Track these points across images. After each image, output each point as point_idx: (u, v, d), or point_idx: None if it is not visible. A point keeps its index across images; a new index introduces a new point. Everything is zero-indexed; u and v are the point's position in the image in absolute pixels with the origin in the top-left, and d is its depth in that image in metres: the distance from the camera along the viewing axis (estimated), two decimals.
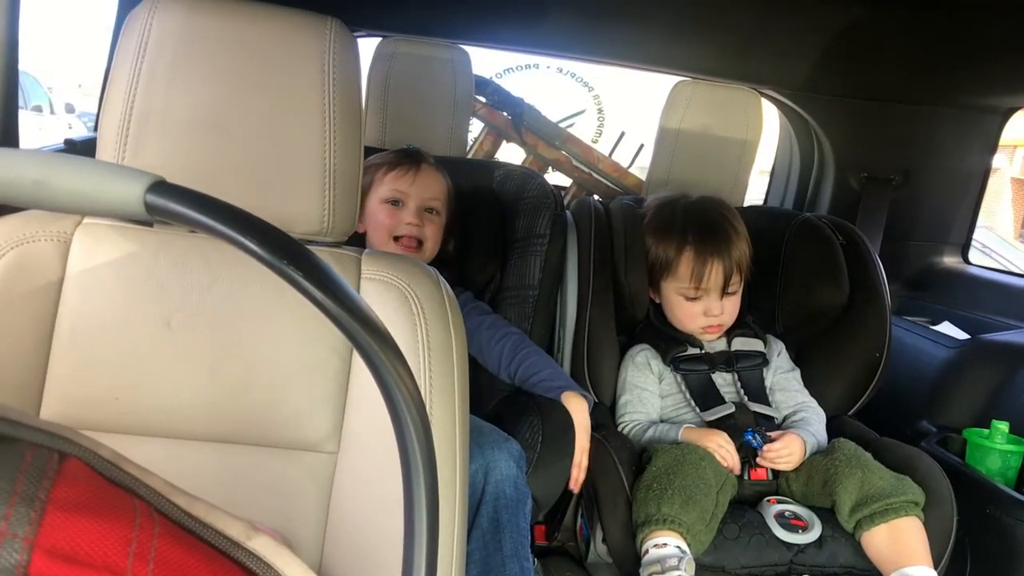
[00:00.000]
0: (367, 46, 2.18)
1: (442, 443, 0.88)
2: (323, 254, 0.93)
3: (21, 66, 1.28)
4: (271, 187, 0.90)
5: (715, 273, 1.70)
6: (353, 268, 0.93)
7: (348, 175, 0.92)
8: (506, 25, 2.26)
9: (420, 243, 1.64)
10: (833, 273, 1.84)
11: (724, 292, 1.72)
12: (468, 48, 2.20)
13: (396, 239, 1.63)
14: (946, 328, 2.22)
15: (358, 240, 1.66)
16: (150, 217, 0.48)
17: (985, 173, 2.47)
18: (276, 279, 0.48)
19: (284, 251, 0.47)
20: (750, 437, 1.57)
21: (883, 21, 2.00)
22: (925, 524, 1.41)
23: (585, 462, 1.49)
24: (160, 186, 0.48)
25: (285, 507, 0.90)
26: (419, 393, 0.51)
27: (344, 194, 0.92)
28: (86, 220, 0.91)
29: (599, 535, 1.51)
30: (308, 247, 0.92)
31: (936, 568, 1.40)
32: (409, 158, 1.69)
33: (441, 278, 0.96)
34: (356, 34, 2.29)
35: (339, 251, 0.96)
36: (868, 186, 2.44)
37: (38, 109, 8.27)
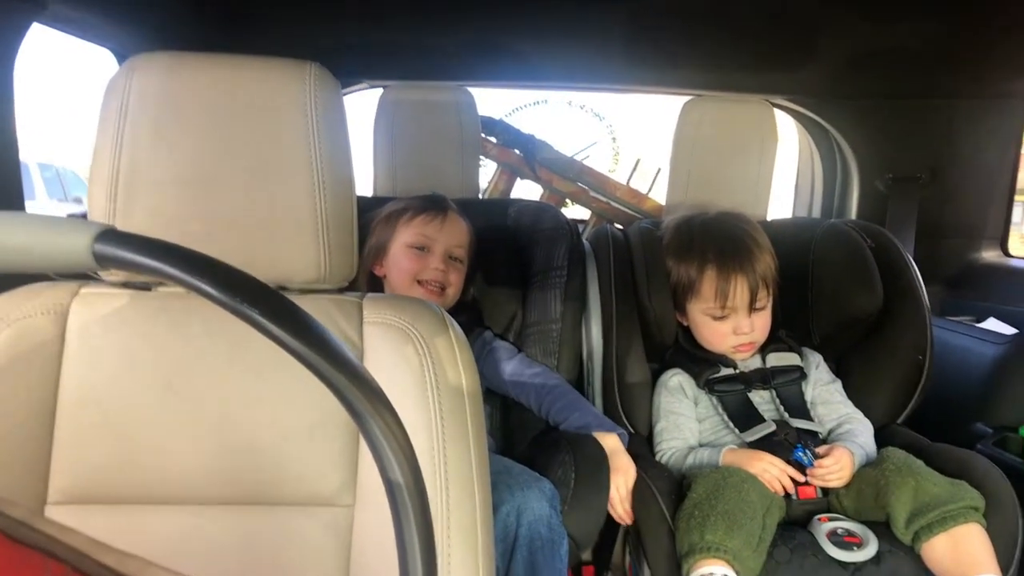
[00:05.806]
0: (371, 96, 2.19)
1: (460, 484, 0.84)
2: (323, 301, 0.91)
3: (63, 163, 1.31)
4: (264, 238, 0.88)
5: (740, 290, 1.65)
6: (355, 313, 0.91)
7: (341, 219, 0.91)
8: (507, 61, 2.26)
9: (443, 288, 1.63)
10: (864, 278, 1.77)
11: (752, 308, 1.67)
12: (475, 90, 2.20)
13: (420, 283, 1.62)
14: (992, 324, 2.13)
15: (377, 284, 1.65)
16: (98, 267, 0.46)
17: (1015, 162, 2.40)
18: None
19: (239, 289, 0.45)
20: (800, 454, 1.51)
21: (891, 18, 1.96)
22: (988, 530, 1.33)
23: (624, 491, 1.46)
24: (108, 235, 0.46)
25: (305, 565, 0.88)
26: (399, 423, 0.48)
27: (339, 239, 0.91)
28: (82, 290, 0.91)
29: (647, 570, 1.45)
30: (304, 292, 0.92)
31: None
32: (435, 205, 1.68)
33: (446, 314, 0.94)
34: (358, 86, 2.32)
35: (340, 297, 0.94)
36: (895, 187, 2.39)
37: (78, 200, 9.09)
